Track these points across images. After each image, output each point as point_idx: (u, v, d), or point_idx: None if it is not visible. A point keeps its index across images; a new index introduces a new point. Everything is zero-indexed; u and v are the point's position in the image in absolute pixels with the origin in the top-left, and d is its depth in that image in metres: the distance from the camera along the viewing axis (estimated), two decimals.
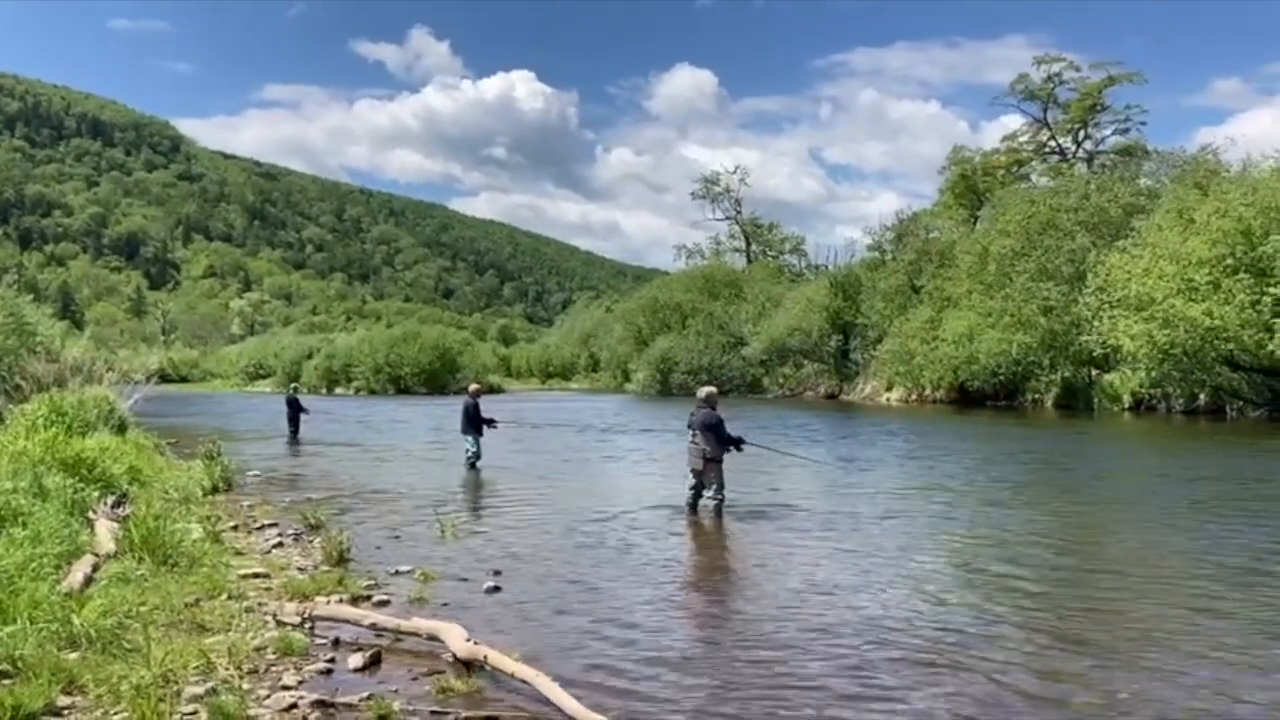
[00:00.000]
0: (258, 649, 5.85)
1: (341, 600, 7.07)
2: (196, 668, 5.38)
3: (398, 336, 68.88)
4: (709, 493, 11.40)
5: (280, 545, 9.40)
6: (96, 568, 7.11)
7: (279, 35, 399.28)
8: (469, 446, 16.44)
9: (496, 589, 7.72)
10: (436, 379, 63.55)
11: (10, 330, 19.86)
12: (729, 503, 11.46)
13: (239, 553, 8.86)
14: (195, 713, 4.83)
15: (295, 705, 5.00)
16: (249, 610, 6.70)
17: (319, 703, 5.05)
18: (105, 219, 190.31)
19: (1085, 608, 7.10)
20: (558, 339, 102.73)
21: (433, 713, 4.97)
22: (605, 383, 71.36)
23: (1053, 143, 58.29)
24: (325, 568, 8.27)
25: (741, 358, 54.49)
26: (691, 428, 11.54)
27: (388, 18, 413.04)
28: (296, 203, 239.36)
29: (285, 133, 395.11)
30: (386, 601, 7.21)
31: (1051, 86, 56.33)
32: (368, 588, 7.59)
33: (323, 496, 13.00)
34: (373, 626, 6.31)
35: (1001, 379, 37.08)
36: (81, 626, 5.66)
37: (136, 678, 4.99)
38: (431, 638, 6.04)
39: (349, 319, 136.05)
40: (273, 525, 10.55)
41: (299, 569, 8.27)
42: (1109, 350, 31.15)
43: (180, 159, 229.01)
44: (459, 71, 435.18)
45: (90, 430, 13.76)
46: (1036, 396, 36.49)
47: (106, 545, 7.79)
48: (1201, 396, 29.76)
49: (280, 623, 6.45)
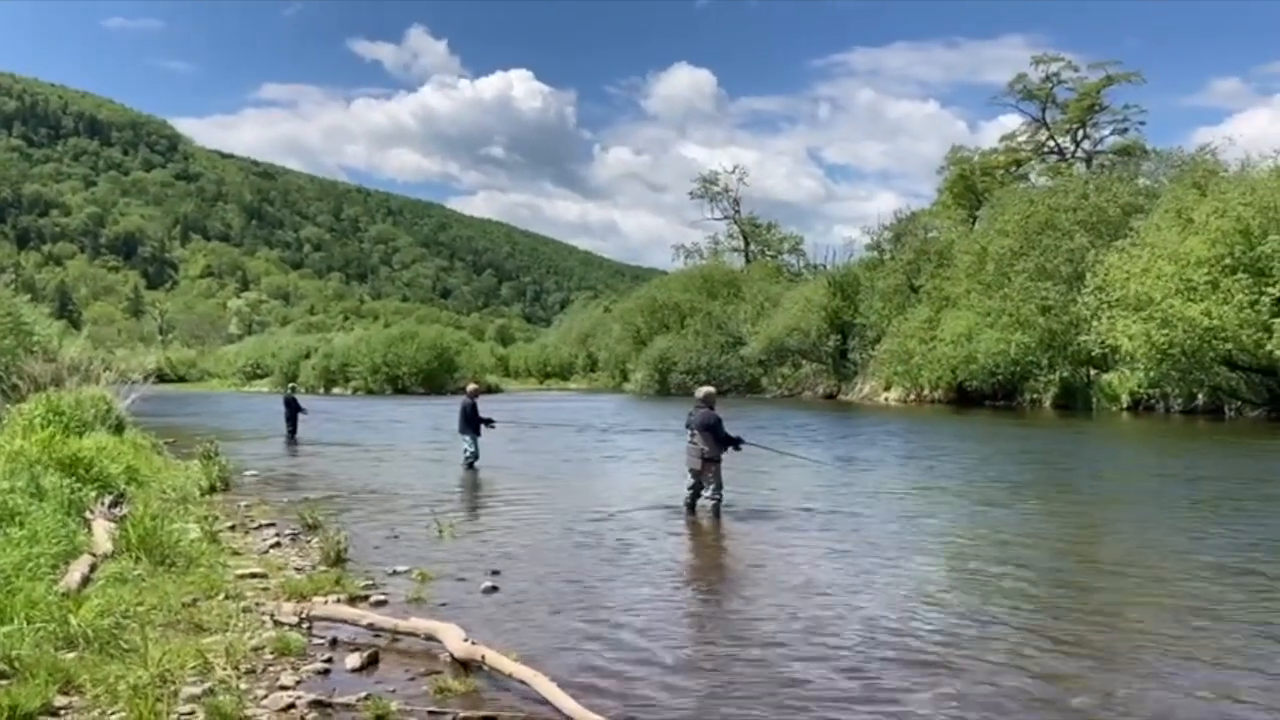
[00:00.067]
0: (255, 649, 5.84)
1: (339, 600, 7.06)
2: (194, 668, 5.38)
3: (395, 336, 68.91)
4: (707, 492, 11.38)
5: (278, 545, 9.38)
6: (94, 568, 7.10)
7: (276, 34, 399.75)
8: (467, 446, 16.43)
9: (494, 589, 7.71)
10: (434, 379, 63.59)
11: (7, 330, 19.86)
12: (727, 503, 11.45)
13: (236, 553, 8.85)
14: (192, 713, 4.82)
15: (293, 705, 5.00)
16: (246, 610, 6.69)
17: (316, 703, 5.04)
18: (103, 218, 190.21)
19: (1083, 608, 7.11)
20: (556, 339, 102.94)
21: (430, 713, 4.96)
22: (603, 383, 71.42)
23: (1051, 142, 58.37)
24: (323, 568, 8.26)
25: (740, 358, 54.54)
26: (690, 428, 11.52)
27: (385, 17, 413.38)
28: (294, 202, 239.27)
29: (283, 132, 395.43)
30: (384, 601, 7.20)
31: (1050, 86, 56.46)
32: (365, 588, 7.57)
33: (320, 496, 12.99)
34: (370, 626, 6.31)
35: (1000, 379, 37.14)
36: (78, 626, 5.65)
37: (134, 678, 4.98)
38: (429, 638, 6.03)
39: (347, 318, 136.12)
40: (270, 525, 10.54)
41: (296, 569, 8.26)
42: (1107, 350, 31.18)
43: (178, 158, 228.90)
44: (457, 71, 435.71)
45: (87, 430, 13.73)
46: (1035, 396, 36.53)
47: (104, 545, 7.77)
48: (1200, 396, 29.80)
49: (278, 623, 6.44)
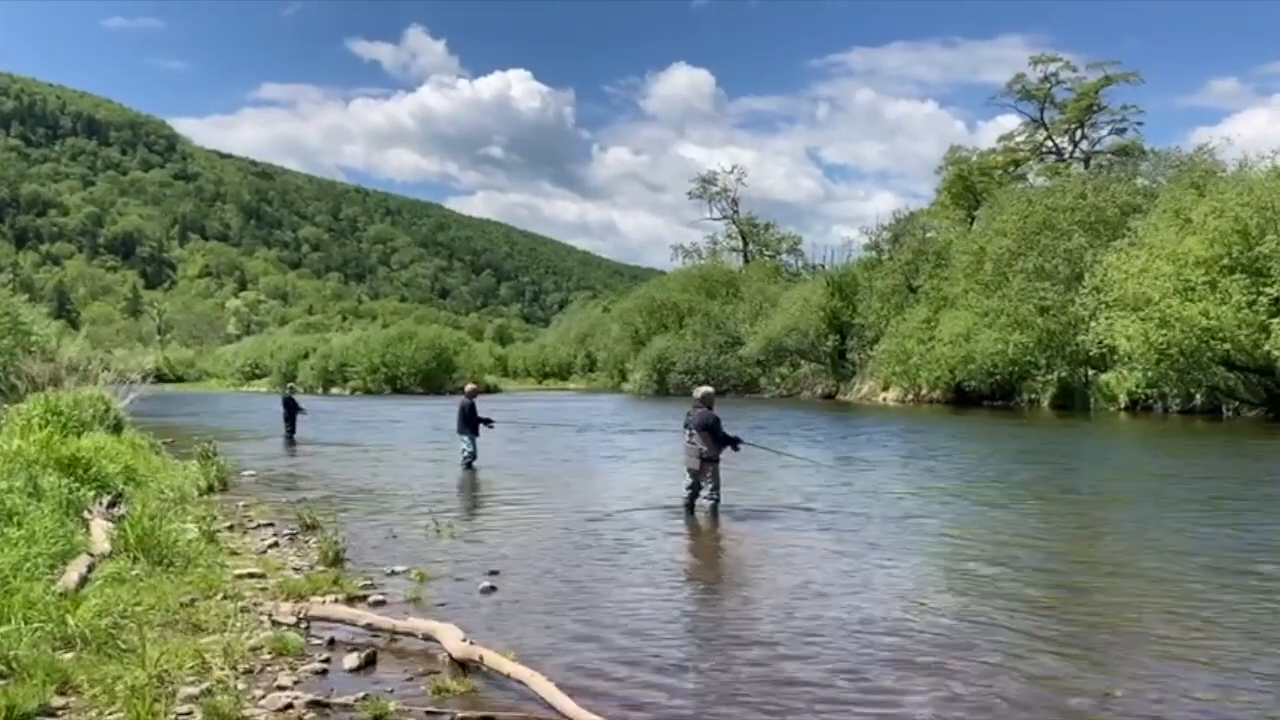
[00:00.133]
0: (253, 649, 5.84)
1: (337, 600, 7.06)
2: (192, 668, 5.37)
3: (394, 336, 68.96)
4: (705, 492, 11.38)
5: (276, 545, 9.38)
6: (91, 568, 7.09)
7: (275, 34, 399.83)
8: (465, 446, 16.43)
9: (492, 589, 7.70)
10: (433, 379, 63.61)
11: (6, 330, 19.86)
12: (726, 503, 11.45)
13: (234, 553, 8.85)
14: (190, 713, 4.81)
15: (290, 705, 4.99)
16: (244, 610, 6.69)
17: (314, 703, 5.04)
18: (101, 218, 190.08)
19: (1081, 609, 7.11)
20: (554, 339, 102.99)
21: (428, 713, 4.95)
22: (602, 383, 71.44)
23: (1049, 143, 58.40)
24: (321, 567, 8.25)
25: (738, 358, 54.55)
26: (688, 428, 11.51)
27: (384, 17, 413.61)
28: (292, 202, 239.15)
29: (281, 132, 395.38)
30: (382, 601, 7.19)
31: (1048, 86, 56.49)
32: (363, 588, 7.57)
33: (319, 496, 12.98)
34: (368, 626, 6.30)
35: (998, 379, 37.16)
36: (76, 627, 5.65)
37: (131, 678, 4.98)
38: (427, 638, 6.03)
39: (345, 319, 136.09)
40: (268, 525, 10.54)
41: (295, 569, 8.26)
42: (1105, 350, 31.19)
43: (176, 158, 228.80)
44: (455, 71, 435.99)
45: (86, 430, 13.72)
46: (1033, 396, 36.55)
47: (101, 545, 7.76)
48: (1198, 396, 29.81)
49: (276, 623, 6.43)
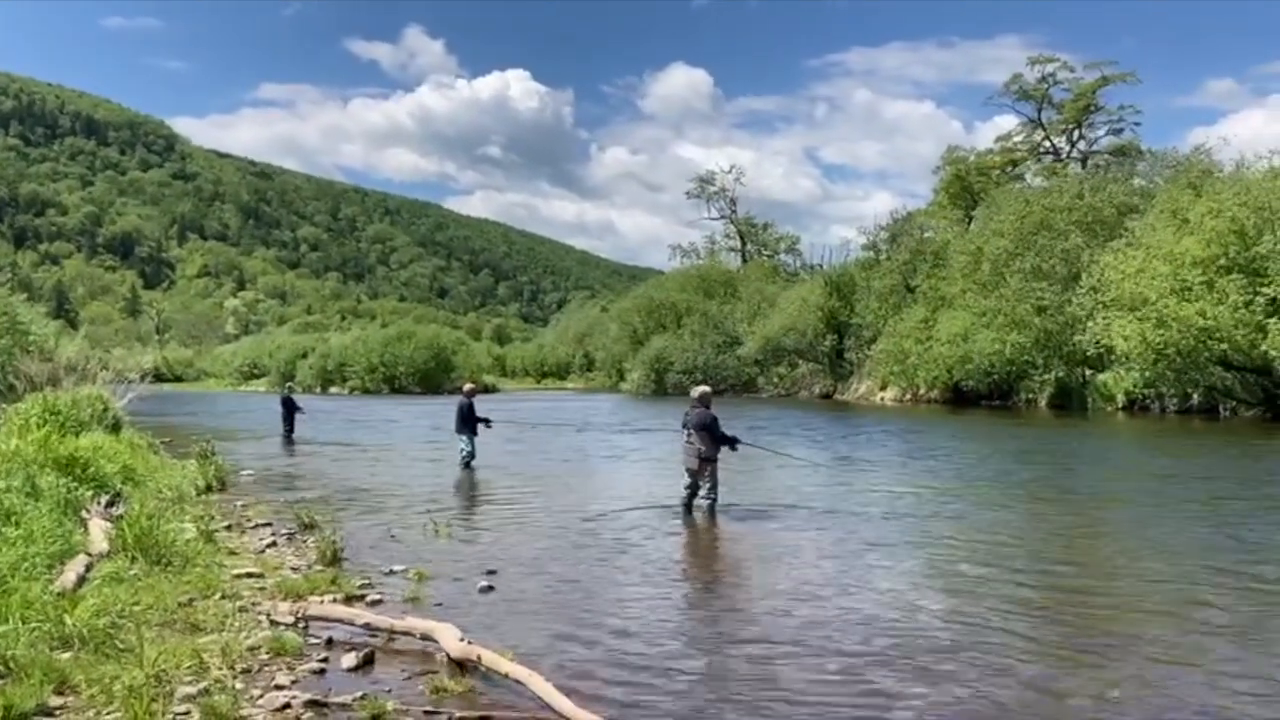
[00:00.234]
0: (251, 649, 5.84)
1: (335, 600, 7.06)
2: (189, 668, 5.38)
3: (392, 336, 68.92)
4: (703, 492, 11.39)
5: (274, 545, 9.37)
6: (89, 567, 7.09)
7: (273, 34, 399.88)
8: (464, 446, 16.43)
9: (490, 589, 7.71)
10: (431, 378, 63.58)
11: (4, 329, 19.86)
12: (724, 503, 11.46)
13: (233, 552, 8.85)
14: (188, 713, 4.82)
15: (289, 705, 5.00)
16: (243, 610, 6.69)
17: (312, 702, 5.04)
18: (100, 218, 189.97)
19: (1078, 610, 7.11)
20: (553, 338, 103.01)
21: (426, 712, 4.96)
22: (600, 382, 71.43)
23: (1047, 143, 58.39)
24: (319, 567, 8.26)
25: (736, 357, 54.55)
26: (686, 427, 11.52)
27: (382, 17, 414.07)
28: (291, 202, 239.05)
29: (280, 132, 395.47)
30: (380, 601, 7.20)
31: (1046, 87, 56.48)
32: (361, 587, 7.57)
33: (317, 496, 12.98)
34: (366, 626, 6.31)
35: (995, 379, 37.18)
36: (74, 626, 5.65)
37: (129, 678, 4.98)
38: (425, 637, 6.04)
39: (344, 318, 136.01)
40: (267, 525, 10.53)
41: (293, 568, 8.26)
42: (1102, 350, 31.21)
43: (175, 158, 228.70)
44: (454, 70, 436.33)
45: (84, 429, 13.71)
46: (1030, 396, 36.56)
47: (100, 545, 7.76)
48: (1195, 396, 29.83)
49: (274, 622, 6.44)
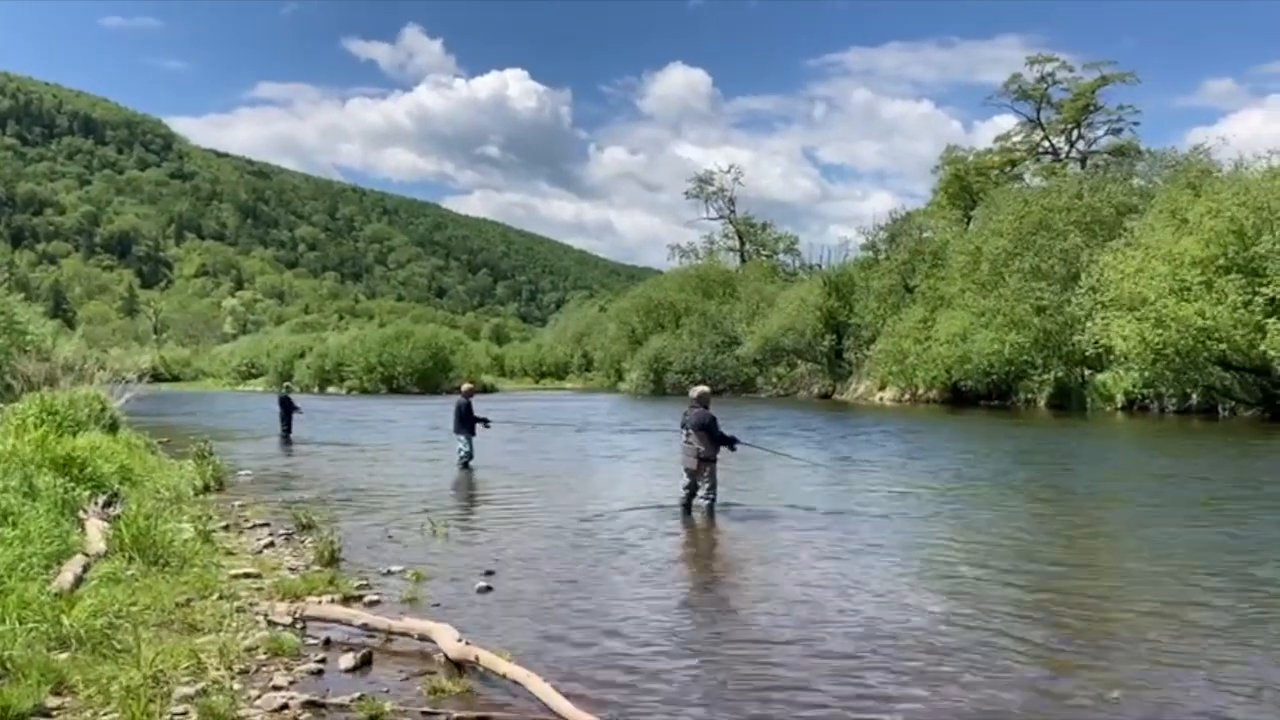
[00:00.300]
0: (249, 649, 5.83)
1: (333, 600, 7.05)
2: (187, 668, 5.36)
3: (390, 336, 68.86)
4: (702, 492, 11.38)
5: (272, 545, 9.36)
6: (87, 568, 7.07)
7: (272, 33, 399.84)
8: (461, 446, 16.42)
9: (488, 589, 7.70)
10: (429, 378, 63.56)
11: (1, 329, 19.82)
12: (723, 503, 11.45)
13: (230, 553, 8.83)
14: (186, 713, 4.81)
15: (286, 706, 4.99)
16: (240, 610, 6.68)
17: (310, 703, 5.03)
18: (97, 217, 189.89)
19: (1077, 611, 7.10)
20: (551, 338, 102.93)
21: (424, 713, 4.95)
22: (599, 382, 71.40)
23: (1046, 143, 58.40)
24: (317, 567, 8.25)
25: (735, 357, 54.52)
26: (685, 427, 11.51)
27: (380, 17, 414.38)
28: (289, 201, 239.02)
29: (278, 131, 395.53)
30: (378, 601, 7.19)
31: (1045, 87, 56.47)
32: (359, 588, 7.56)
33: (315, 496, 12.97)
34: (364, 627, 6.30)
35: (994, 379, 37.18)
36: (71, 627, 5.63)
37: (126, 678, 4.97)
38: (423, 638, 6.02)
39: (341, 318, 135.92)
40: (264, 525, 10.52)
41: (290, 569, 8.25)
42: (1101, 350, 31.21)
43: (172, 157, 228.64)
44: (452, 70, 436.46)
45: (81, 429, 13.68)
46: (1029, 396, 36.56)
47: (97, 545, 7.75)
48: (1194, 396, 29.85)
49: (271, 623, 6.43)
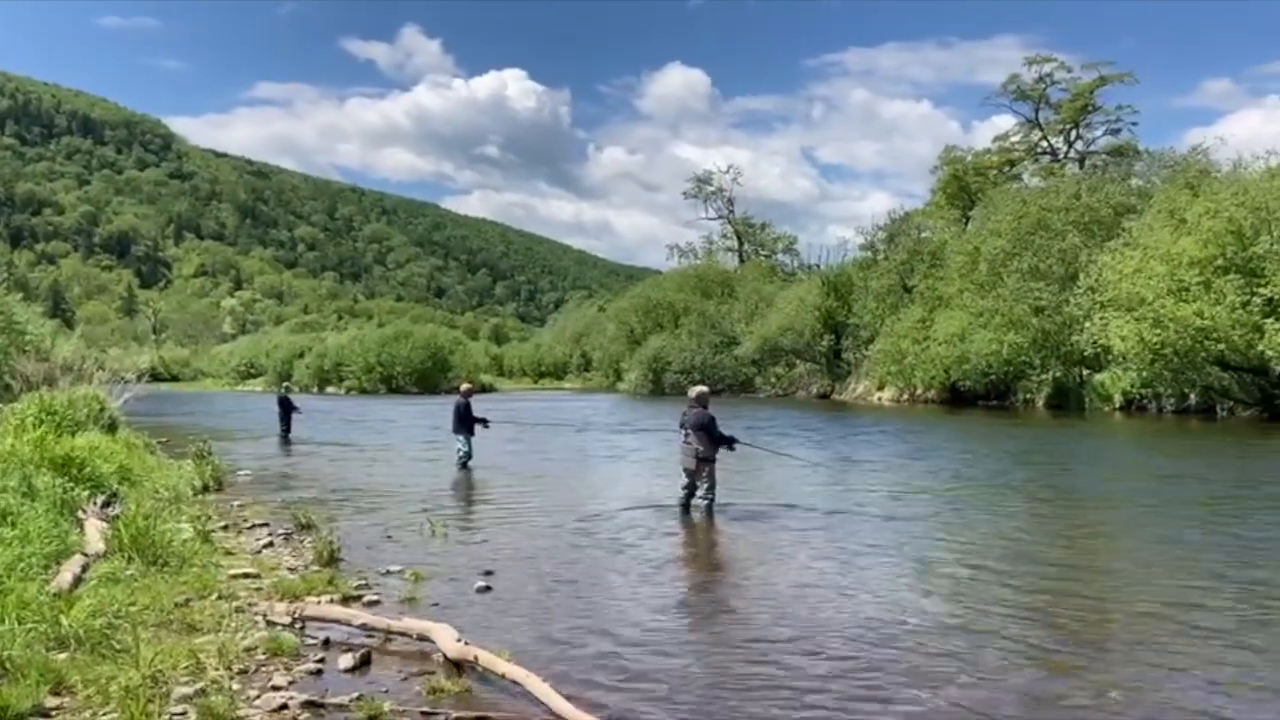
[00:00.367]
0: (248, 649, 5.83)
1: (332, 600, 7.06)
2: (186, 668, 5.36)
3: (389, 336, 68.85)
4: (701, 491, 11.39)
5: (271, 545, 9.36)
6: (86, 568, 7.07)
7: (270, 33, 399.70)
8: (460, 446, 16.42)
9: (487, 589, 7.70)
10: (428, 378, 63.55)
11: (0, 329, 19.80)
12: (721, 503, 11.45)
13: (229, 552, 8.84)
14: (184, 713, 4.81)
15: (285, 706, 4.99)
16: (239, 610, 6.68)
17: (309, 703, 5.04)
18: (96, 217, 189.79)
19: (1075, 612, 7.10)
20: (550, 338, 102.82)
21: (423, 713, 4.95)
22: (598, 382, 71.38)
23: (1044, 143, 58.40)
24: (316, 568, 8.25)
25: (734, 357, 54.52)
26: (684, 427, 11.52)
27: (379, 16, 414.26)
28: (288, 201, 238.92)
29: (276, 131, 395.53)
30: (377, 601, 7.19)
31: (1043, 87, 56.47)
32: (358, 588, 7.57)
33: (314, 496, 12.97)
34: (363, 627, 6.30)
35: (993, 379, 37.18)
36: (70, 627, 5.63)
37: (125, 678, 4.97)
38: (422, 638, 6.03)
39: (341, 318, 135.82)
40: (263, 525, 10.52)
41: (289, 569, 8.25)
42: (1100, 350, 31.22)
43: (171, 157, 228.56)
44: (450, 70, 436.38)
45: (80, 429, 13.67)
46: (1028, 396, 36.57)
47: (96, 545, 7.75)
48: (1192, 396, 29.86)
49: (270, 623, 6.43)
